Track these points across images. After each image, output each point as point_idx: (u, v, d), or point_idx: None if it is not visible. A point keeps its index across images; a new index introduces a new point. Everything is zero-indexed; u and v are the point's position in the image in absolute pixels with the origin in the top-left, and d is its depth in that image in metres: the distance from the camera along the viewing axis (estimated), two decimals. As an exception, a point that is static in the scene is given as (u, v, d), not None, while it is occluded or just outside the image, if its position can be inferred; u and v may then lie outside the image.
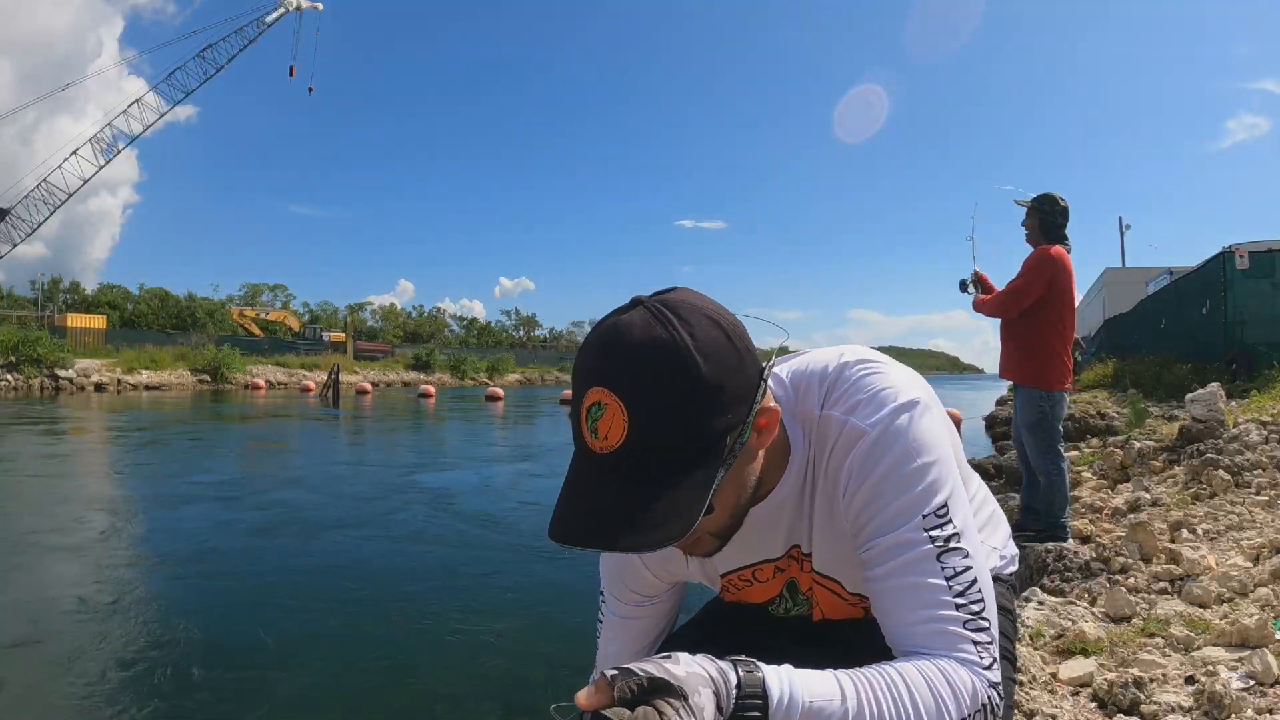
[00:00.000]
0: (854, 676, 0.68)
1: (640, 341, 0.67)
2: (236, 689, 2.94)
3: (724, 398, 0.69)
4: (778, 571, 0.96)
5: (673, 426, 0.66)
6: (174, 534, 5.61)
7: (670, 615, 1.09)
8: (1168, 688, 2.00)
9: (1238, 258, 9.93)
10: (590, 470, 0.69)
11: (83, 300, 52.61)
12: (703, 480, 0.69)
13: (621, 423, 0.66)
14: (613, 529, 0.67)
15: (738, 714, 0.62)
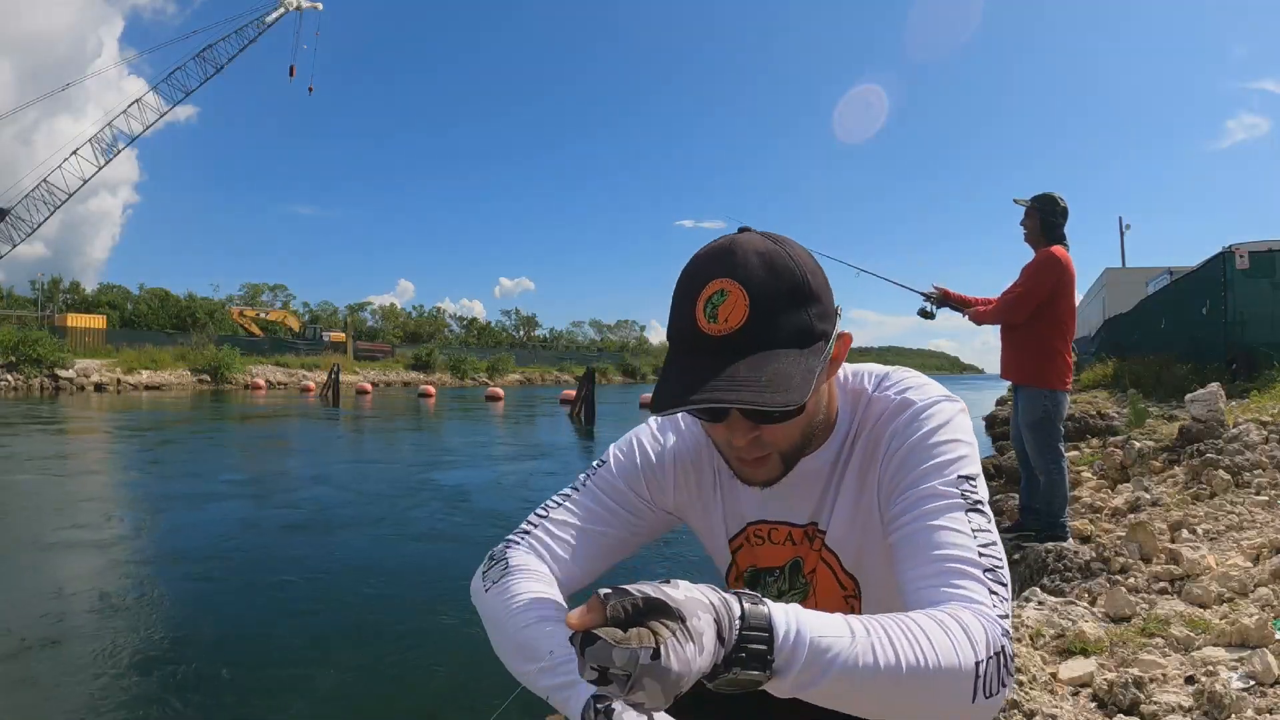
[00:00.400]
0: (864, 619, 0.66)
1: (758, 248, 0.78)
2: (251, 686, 2.95)
3: (819, 307, 0.80)
4: (789, 541, 0.99)
5: (786, 314, 0.77)
6: (185, 533, 5.61)
7: (626, 549, 1.02)
8: (1168, 688, 2.00)
9: (1238, 258, 9.93)
10: (708, 350, 0.77)
11: (83, 300, 52.60)
12: (809, 366, 0.77)
13: (744, 306, 0.76)
14: (749, 388, 0.74)
15: (741, 645, 0.59)
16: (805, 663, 0.61)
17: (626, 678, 0.54)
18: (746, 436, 0.83)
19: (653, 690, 0.55)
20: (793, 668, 0.61)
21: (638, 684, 0.54)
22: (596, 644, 0.55)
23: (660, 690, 0.55)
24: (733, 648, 0.59)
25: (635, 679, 0.54)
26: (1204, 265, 10.93)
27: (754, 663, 0.60)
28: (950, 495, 0.80)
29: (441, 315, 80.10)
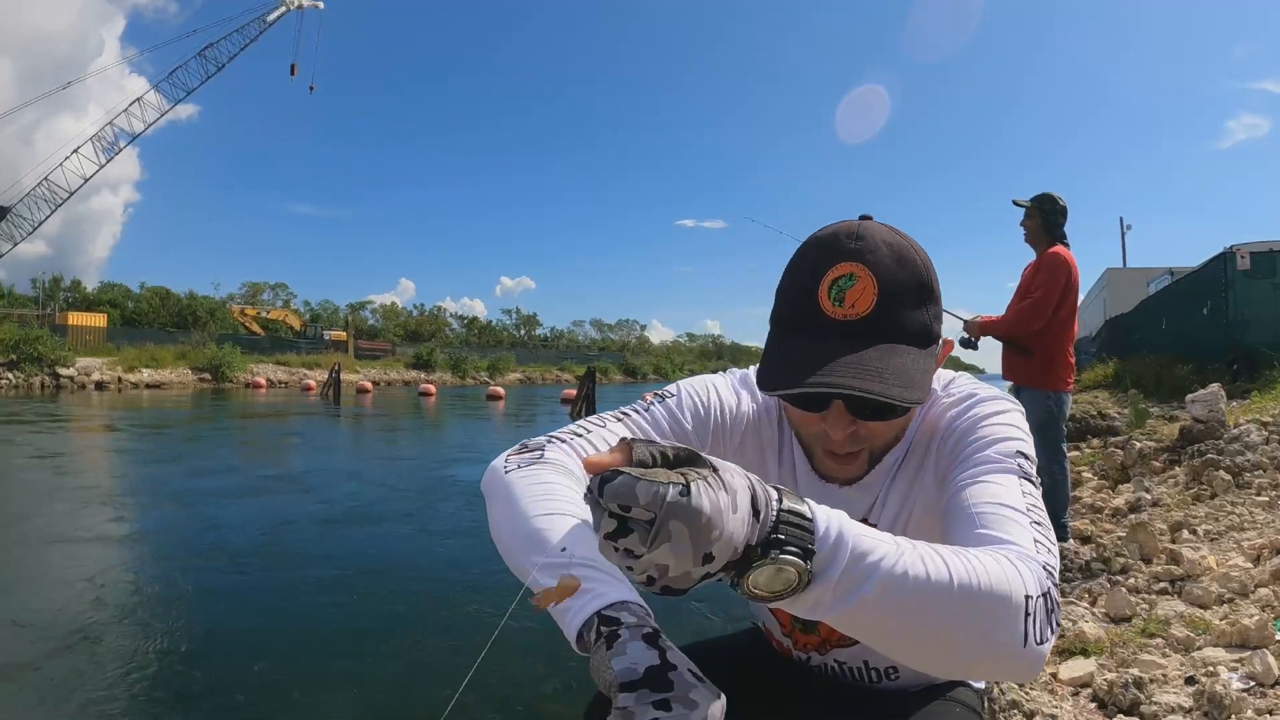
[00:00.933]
0: (910, 540, 0.61)
1: (886, 238, 0.77)
2: (255, 682, 2.95)
3: (936, 309, 0.79)
4: None
5: (911, 310, 0.75)
6: (192, 529, 5.61)
7: None
8: (1168, 688, 2.00)
9: (1238, 258, 9.92)
10: (831, 334, 0.74)
11: (83, 299, 52.61)
12: (927, 366, 0.76)
13: (872, 294, 0.74)
14: (876, 378, 0.71)
15: (779, 526, 0.53)
16: (847, 564, 0.55)
17: (650, 522, 0.47)
18: (845, 430, 0.79)
19: (679, 541, 0.47)
20: (834, 568, 0.54)
21: (663, 529, 0.47)
22: (618, 479, 0.48)
23: (689, 542, 0.47)
24: (771, 527, 0.52)
25: (660, 522, 0.47)
26: (1205, 265, 10.92)
27: (793, 549, 0.53)
28: (1006, 463, 0.78)
29: (442, 314, 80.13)
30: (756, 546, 0.52)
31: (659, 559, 0.48)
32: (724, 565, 0.51)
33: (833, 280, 0.75)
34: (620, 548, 0.49)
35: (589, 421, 0.91)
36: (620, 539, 0.48)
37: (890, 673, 1.01)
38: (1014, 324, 3.75)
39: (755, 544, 0.52)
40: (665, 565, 0.48)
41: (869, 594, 0.55)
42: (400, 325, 72.64)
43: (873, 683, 1.01)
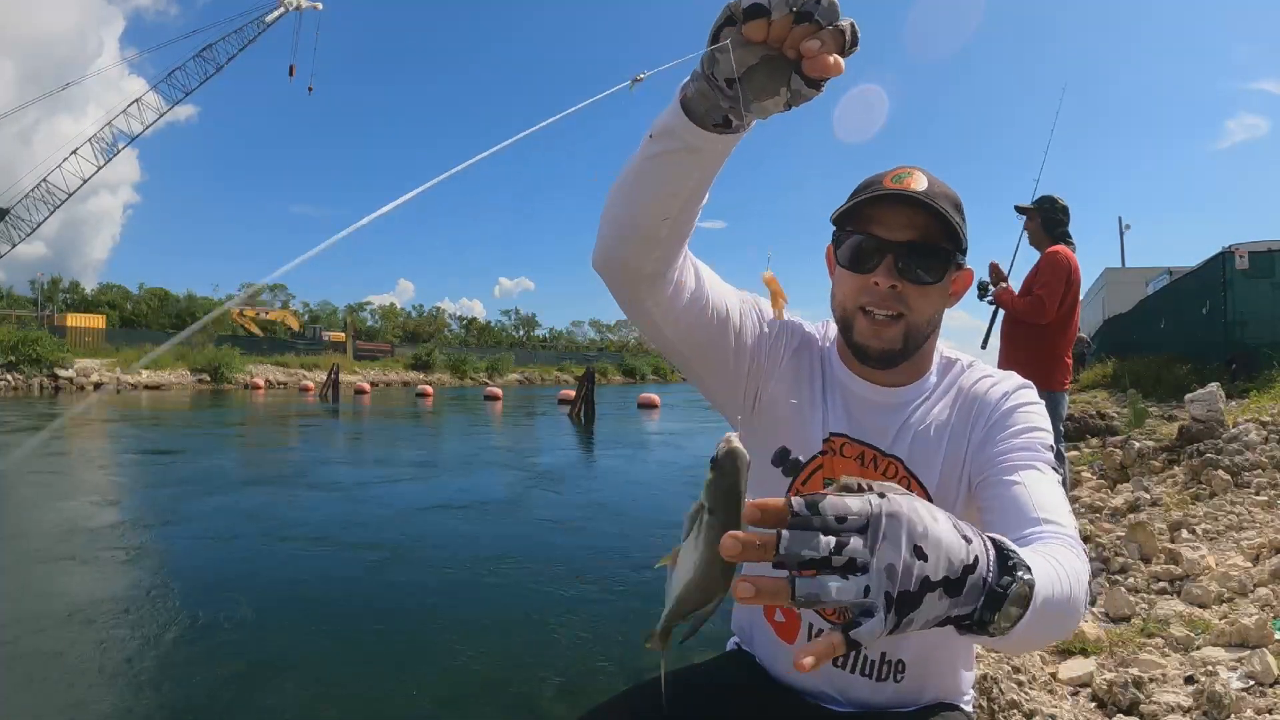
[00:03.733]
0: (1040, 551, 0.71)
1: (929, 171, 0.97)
2: (240, 692, 2.94)
3: (965, 230, 0.95)
4: (859, 461, 1.03)
5: (949, 206, 0.93)
6: (189, 539, 5.61)
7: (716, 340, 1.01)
8: (1167, 688, 2.00)
9: (1237, 258, 9.93)
10: (893, 196, 0.92)
11: (82, 300, 52.57)
12: (962, 239, 0.95)
13: (925, 181, 0.93)
14: (929, 199, 0.91)
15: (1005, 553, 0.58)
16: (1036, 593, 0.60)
17: (864, 528, 0.50)
18: (891, 282, 0.93)
19: (892, 537, 0.50)
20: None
21: (877, 527, 0.50)
22: (826, 498, 0.51)
23: (904, 534, 0.50)
24: (997, 554, 0.57)
25: (874, 523, 0.50)
26: (1204, 265, 10.93)
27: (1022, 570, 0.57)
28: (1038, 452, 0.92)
29: (441, 315, 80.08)
30: (993, 578, 0.55)
31: (885, 557, 0.50)
32: (950, 582, 0.53)
33: (893, 174, 0.94)
34: (838, 566, 0.50)
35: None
36: (841, 553, 0.50)
37: (898, 672, 1.02)
38: (1019, 311, 3.74)
39: (988, 575, 0.55)
40: (892, 564, 0.50)
41: (1033, 619, 0.59)
42: (399, 326, 72.61)
43: (880, 679, 1.02)
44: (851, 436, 1.03)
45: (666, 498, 7.69)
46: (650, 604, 3.88)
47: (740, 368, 1.03)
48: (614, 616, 3.79)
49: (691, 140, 0.73)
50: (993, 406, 0.99)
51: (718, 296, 0.98)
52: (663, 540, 5.52)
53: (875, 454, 1.02)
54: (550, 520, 6.40)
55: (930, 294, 0.95)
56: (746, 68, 0.66)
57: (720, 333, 0.99)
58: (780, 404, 1.06)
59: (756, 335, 1.04)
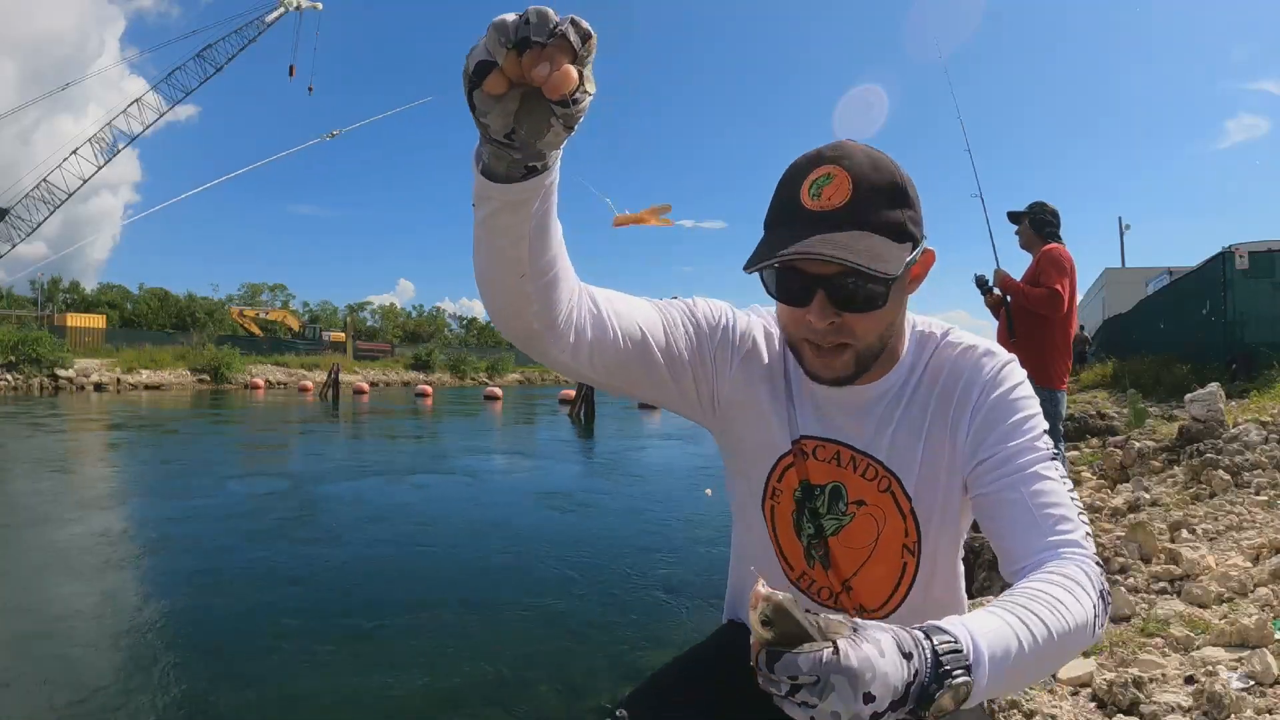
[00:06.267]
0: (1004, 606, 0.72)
1: (864, 149, 0.86)
2: (239, 686, 2.94)
3: (913, 213, 0.86)
4: (835, 462, 0.99)
5: (884, 207, 0.83)
6: (187, 539, 5.61)
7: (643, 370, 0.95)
8: (1167, 688, 1.99)
9: (1237, 258, 9.93)
10: (808, 222, 0.82)
11: (82, 300, 52.57)
12: (901, 255, 0.82)
13: (847, 189, 0.82)
14: (846, 250, 0.79)
15: (941, 658, 0.62)
16: (990, 670, 0.65)
17: (815, 683, 0.57)
18: (827, 319, 0.85)
19: (841, 690, 0.57)
20: (981, 674, 0.64)
21: (826, 685, 0.57)
22: (782, 659, 0.58)
23: (849, 688, 0.57)
24: (931, 661, 0.62)
25: (823, 680, 0.57)
26: (1204, 265, 10.93)
27: (959, 672, 0.62)
28: (1040, 450, 0.87)
29: (441, 315, 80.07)
30: (928, 684, 0.61)
31: (829, 708, 0.58)
32: (894, 703, 0.59)
33: (812, 180, 0.83)
34: (799, 702, 0.58)
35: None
36: (796, 696, 0.58)
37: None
38: (1030, 300, 3.70)
39: (925, 681, 0.61)
40: (837, 712, 0.57)
41: (1000, 680, 0.66)
42: (399, 326, 72.58)
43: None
44: (823, 437, 0.99)
45: (667, 498, 7.68)
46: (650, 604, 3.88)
47: (682, 380, 0.98)
48: (613, 616, 3.78)
49: (506, 197, 0.70)
50: (979, 395, 0.92)
51: (628, 324, 0.91)
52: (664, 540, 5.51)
53: (852, 454, 0.98)
54: (550, 520, 6.40)
55: (877, 315, 0.87)
56: (512, 116, 0.63)
57: (643, 358, 0.93)
58: (742, 407, 1.02)
59: (691, 344, 0.97)
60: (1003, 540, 0.86)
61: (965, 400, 0.92)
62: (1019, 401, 0.90)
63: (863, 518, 0.98)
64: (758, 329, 1.03)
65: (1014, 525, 0.85)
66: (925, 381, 0.95)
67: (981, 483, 0.89)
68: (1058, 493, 0.84)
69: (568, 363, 0.88)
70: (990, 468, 0.88)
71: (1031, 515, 0.83)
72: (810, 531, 1.01)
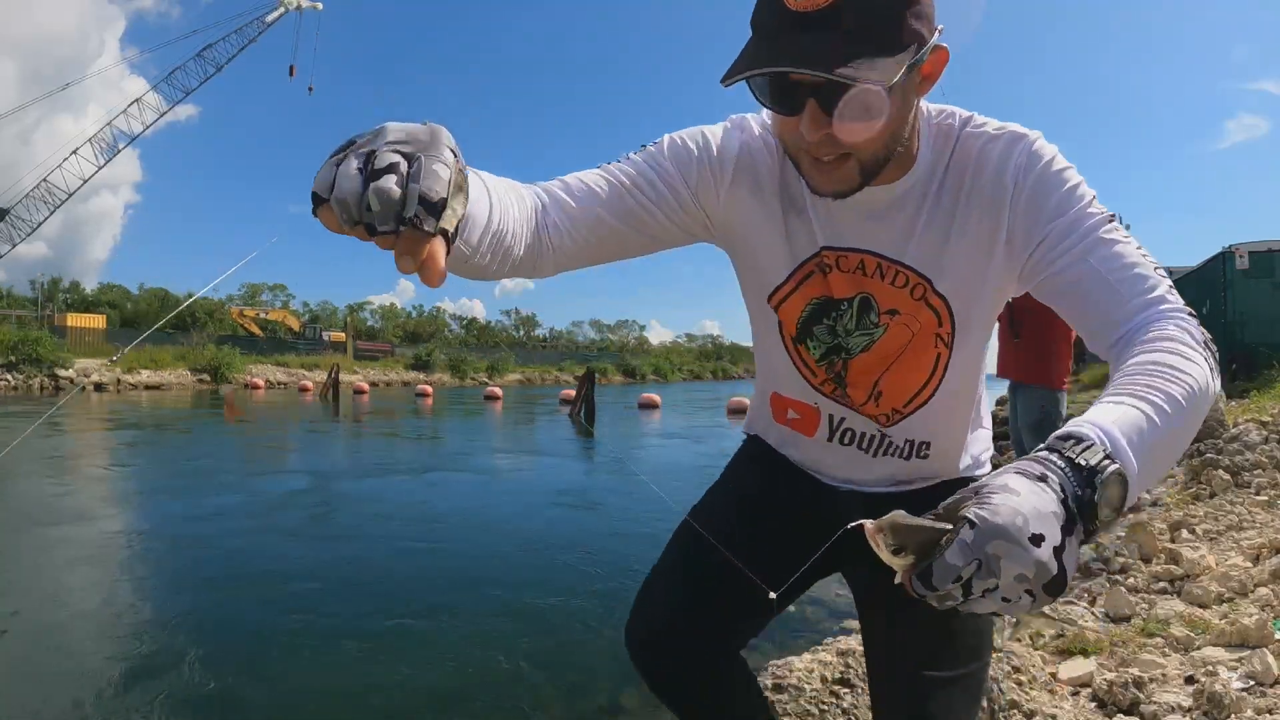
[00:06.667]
0: (1129, 392, 0.65)
1: None
2: (235, 688, 2.94)
3: (918, 8, 0.75)
4: (860, 270, 0.92)
5: (880, 4, 0.72)
6: (183, 539, 5.61)
7: (639, 236, 0.92)
8: (1168, 688, 2.00)
9: (1237, 258, 9.93)
10: (791, 26, 0.72)
11: (82, 300, 52.58)
12: (898, 60, 0.72)
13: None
14: (827, 60, 0.69)
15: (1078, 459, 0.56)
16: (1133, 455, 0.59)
17: (979, 566, 0.51)
18: (819, 130, 0.76)
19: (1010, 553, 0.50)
20: (1130, 464, 0.58)
21: (991, 560, 0.50)
22: (932, 569, 0.52)
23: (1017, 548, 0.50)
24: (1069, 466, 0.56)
25: (985, 558, 0.50)
26: (1204, 265, 10.93)
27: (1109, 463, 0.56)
28: (1096, 214, 0.80)
29: (441, 315, 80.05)
30: (1081, 491, 0.55)
31: (1010, 576, 0.51)
32: (1065, 527, 0.52)
33: None
34: (982, 595, 0.52)
35: (571, 176, 0.89)
36: (975, 593, 0.52)
37: (924, 448, 1.04)
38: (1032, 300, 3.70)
39: (1078, 490, 0.54)
40: (1022, 574, 0.51)
41: (1147, 462, 0.61)
42: (399, 326, 72.58)
43: (905, 458, 1.04)
44: (844, 247, 0.92)
45: (667, 497, 7.69)
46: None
47: (665, 236, 0.93)
48: (611, 618, 3.78)
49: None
50: (1015, 182, 0.84)
51: (590, 218, 0.86)
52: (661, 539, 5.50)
53: (879, 261, 0.91)
54: (553, 519, 6.40)
55: (875, 125, 0.76)
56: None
57: (618, 238, 0.90)
58: (744, 226, 0.95)
59: (662, 197, 0.90)
60: (1086, 319, 0.80)
61: (1000, 192, 0.85)
62: (1061, 174, 0.83)
63: (896, 328, 0.94)
64: (751, 141, 0.94)
65: (1093, 300, 0.78)
66: (951, 178, 0.88)
67: (1044, 266, 0.82)
68: (1129, 254, 0.78)
69: (550, 271, 0.88)
70: (1049, 247, 0.81)
71: (1108, 284, 0.77)
72: (828, 347, 0.98)
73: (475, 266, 0.73)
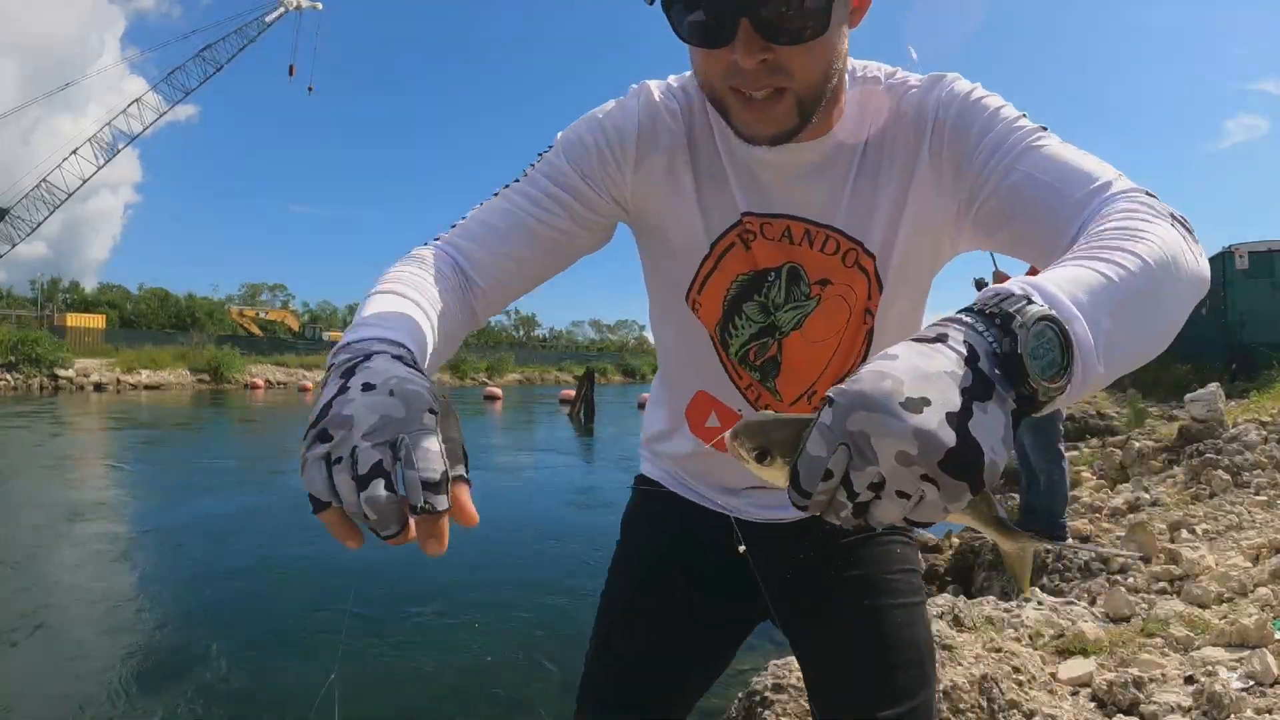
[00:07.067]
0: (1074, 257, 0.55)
1: None
2: (237, 685, 2.95)
3: None
4: (786, 238, 0.84)
5: None
6: (181, 538, 5.61)
7: (563, 251, 0.86)
8: (1167, 688, 2.00)
9: (1237, 258, 9.94)
10: None
11: (82, 300, 52.59)
12: (825, 2, 0.66)
13: None
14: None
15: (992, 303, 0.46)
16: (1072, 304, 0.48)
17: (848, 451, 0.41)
18: (758, 56, 0.67)
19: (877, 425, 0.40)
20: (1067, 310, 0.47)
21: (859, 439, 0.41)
22: (798, 468, 0.43)
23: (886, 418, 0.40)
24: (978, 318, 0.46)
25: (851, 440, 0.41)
26: (1203, 265, 10.92)
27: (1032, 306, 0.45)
28: (1024, 126, 0.73)
29: (441, 315, 79.80)
30: (994, 342, 0.44)
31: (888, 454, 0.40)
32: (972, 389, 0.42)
33: None
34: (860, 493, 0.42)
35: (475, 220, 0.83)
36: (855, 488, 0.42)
37: None
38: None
39: (990, 341, 0.44)
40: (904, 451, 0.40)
41: (1104, 314, 0.49)
42: (399, 326, 72.45)
43: None
44: (767, 213, 0.84)
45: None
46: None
47: (582, 241, 0.87)
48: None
49: None
50: (934, 120, 0.78)
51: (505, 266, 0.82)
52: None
53: (805, 227, 0.83)
54: (547, 519, 6.40)
55: (817, 47, 0.69)
56: None
57: (538, 270, 0.85)
58: (658, 199, 0.87)
59: (567, 207, 0.83)
60: (1032, 239, 0.71)
61: (921, 133, 0.79)
62: (981, 101, 0.77)
63: (830, 301, 0.86)
64: (652, 108, 0.85)
65: (1034, 210, 0.69)
66: (876, 133, 0.82)
67: (978, 191, 0.74)
68: (1066, 153, 0.70)
69: (485, 321, 0.84)
70: (978, 168, 0.74)
71: (1047, 185, 0.68)
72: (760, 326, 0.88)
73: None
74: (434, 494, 0.47)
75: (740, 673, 2.31)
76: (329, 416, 0.48)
